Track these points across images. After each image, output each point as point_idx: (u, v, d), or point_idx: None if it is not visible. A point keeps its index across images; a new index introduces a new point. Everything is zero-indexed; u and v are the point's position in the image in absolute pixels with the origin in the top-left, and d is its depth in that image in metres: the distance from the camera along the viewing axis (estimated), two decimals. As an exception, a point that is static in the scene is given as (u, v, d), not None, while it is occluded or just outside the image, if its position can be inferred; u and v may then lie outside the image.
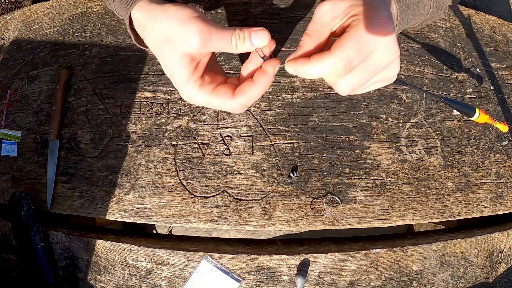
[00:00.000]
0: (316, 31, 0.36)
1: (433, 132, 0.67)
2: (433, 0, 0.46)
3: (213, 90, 0.37)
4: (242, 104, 0.38)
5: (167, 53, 0.36)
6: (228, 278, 0.60)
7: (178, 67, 0.36)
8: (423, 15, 0.47)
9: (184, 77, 0.36)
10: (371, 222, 0.62)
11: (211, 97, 0.37)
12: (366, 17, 0.33)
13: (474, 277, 0.66)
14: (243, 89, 0.37)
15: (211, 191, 0.62)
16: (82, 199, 0.64)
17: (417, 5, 0.44)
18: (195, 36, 0.34)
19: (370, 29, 0.33)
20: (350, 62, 0.33)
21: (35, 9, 0.75)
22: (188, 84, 0.37)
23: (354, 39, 0.33)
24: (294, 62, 0.36)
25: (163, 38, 0.36)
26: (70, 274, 0.63)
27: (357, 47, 0.33)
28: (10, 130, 0.69)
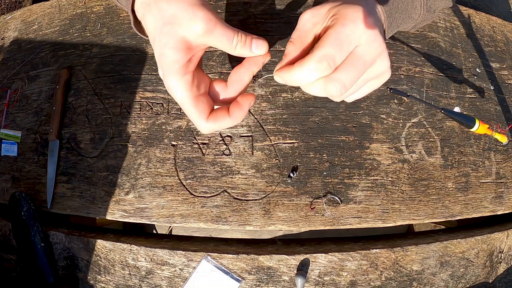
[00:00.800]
0: (299, 37, 0.37)
1: (433, 132, 0.67)
2: (423, 3, 0.46)
3: (195, 99, 0.36)
4: (212, 129, 0.38)
5: (166, 33, 0.34)
6: (228, 278, 0.60)
7: (171, 51, 0.34)
8: (414, 18, 0.47)
9: (174, 62, 0.35)
10: (371, 222, 0.62)
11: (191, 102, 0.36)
12: (343, 15, 0.34)
13: (474, 277, 0.66)
14: (218, 117, 0.37)
15: (211, 191, 0.62)
16: (82, 199, 0.64)
17: (406, 9, 0.44)
18: (201, 22, 0.34)
19: (347, 25, 0.33)
20: (332, 59, 0.33)
21: (35, 9, 0.75)
22: (178, 74, 0.35)
23: (332, 36, 0.33)
24: (280, 71, 0.35)
25: (167, 18, 0.34)
26: (70, 274, 0.63)
27: (336, 43, 0.33)
28: (10, 130, 0.69)
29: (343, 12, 0.34)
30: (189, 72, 0.36)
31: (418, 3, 0.46)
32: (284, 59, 0.37)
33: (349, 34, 0.33)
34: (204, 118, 0.37)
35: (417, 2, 0.45)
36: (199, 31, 0.34)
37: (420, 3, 0.46)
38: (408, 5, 0.44)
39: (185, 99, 0.36)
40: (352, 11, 0.34)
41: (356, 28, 0.33)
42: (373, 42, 0.34)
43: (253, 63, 0.38)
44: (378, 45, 0.34)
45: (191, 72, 0.36)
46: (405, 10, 0.44)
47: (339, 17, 0.34)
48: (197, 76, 0.37)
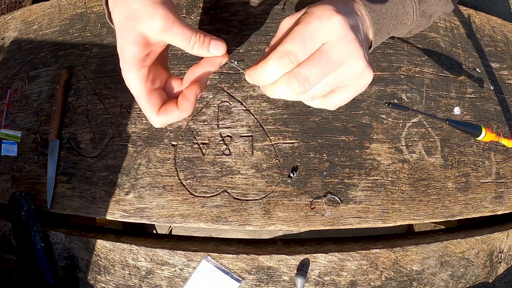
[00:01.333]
0: (275, 43, 0.36)
1: (433, 132, 0.67)
2: (415, 9, 0.45)
3: (148, 93, 0.38)
4: (163, 122, 0.38)
5: (127, 28, 0.36)
6: (228, 278, 0.60)
7: (130, 45, 0.36)
8: (407, 24, 0.46)
9: (132, 56, 0.36)
10: (371, 222, 0.62)
11: (143, 95, 0.37)
12: (310, 13, 0.34)
13: (474, 277, 0.66)
14: (167, 110, 0.38)
15: (211, 191, 0.62)
16: (82, 199, 0.64)
17: (397, 14, 0.43)
18: (159, 20, 0.35)
19: (311, 22, 0.33)
20: (294, 54, 0.32)
21: (35, 9, 0.75)
22: (135, 68, 0.36)
23: (296, 32, 0.33)
24: (248, 71, 0.35)
25: (130, 13, 0.36)
26: (70, 274, 0.63)
27: (298, 39, 0.32)
28: (10, 130, 0.69)
29: (311, 10, 0.34)
30: (145, 67, 0.37)
31: (410, 9, 0.44)
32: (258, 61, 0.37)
33: (314, 30, 0.32)
34: (155, 112, 0.38)
35: (409, 8, 0.44)
36: (157, 29, 0.35)
37: (413, 8, 0.44)
38: (398, 10, 0.43)
39: (139, 92, 0.37)
40: (320, 9, 0.33)
41: (322, 25, 0.33)
42: (342, 40, 0.33)
43: (210, 63, 0.39)
44: (348, 43, 0.33)
45: (147, 67, 0.37)
46: (396, 16, 0.43)
47: (306, 15, 0.34)
48: (154, 71, 0.38)
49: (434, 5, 0.48)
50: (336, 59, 0.33)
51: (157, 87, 0.39)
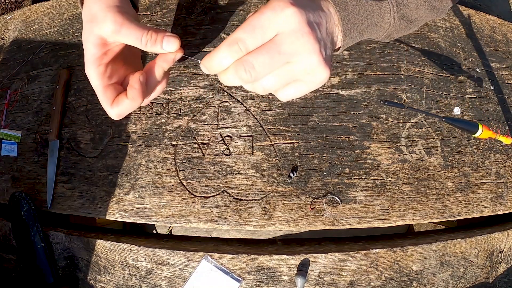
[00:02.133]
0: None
1: (433, 132, 0.67)
2: (392, 11, 0.43)
3: (104, 87, 0.41)
4: (117, 114, 0.41)
5: (87, 29, 0.40)
6: (228, 278, 0.60)
7: (90, 45, 0.40)
8: (384, 27, 0.44)
9: (92, 55, 0.40)
10: (371, 222, 0.62)
11: (100, 89, 0.41)
12: (266, 5, 0.33)
13: (474, 277, 0.66)
14: (119, 101, 0.41)
15: (211, 191, 0.62)
16: (82, 199, 0.64)
17: (371, 15, 0.42)
18: (109, 23, 0.38)
19: (264, 12, 0.33)
20: (243, 42, 0.33)
21: (35, 9, 0.75)
22: (93, 65, 0.40)
23: (247, 21, 0.33)
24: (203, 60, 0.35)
25: (89, 17, 0.39)
26: (70, 274, 0.63)
27: (248, 28, 0.33)
28: (10, 130, 0.69)
29: (269, 2, 0.33)
30: (102, 64, 0.41)
31: (387, 10, 0.43)
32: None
33: (265, 20, 0.32)
34: (109, 104, 0.41)
35: (385, 9, 0.43)
36: (108, 32, 0.39)
37: (390, 10, 0.43)
38: (373, 12, 0.42)
39: (97, 86, 0.41)
40: (276, 1, 0.33)
41: (274, 16, 0.32)
42: (295, 32, 0.32)
43: (164, 60, 0.41)
44: (301, 35, 0.32)
45: (104, 64, 0.41)
46: (370, 17, 0.42)
47: (262, 6, 0.34)
48: (112, 68, 0.42)
49: (416, 9, 0.46)
50: (286, 50, 0.33)
51: (114, 82, 0.42)
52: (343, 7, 0.39)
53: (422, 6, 0.47)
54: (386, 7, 0.43)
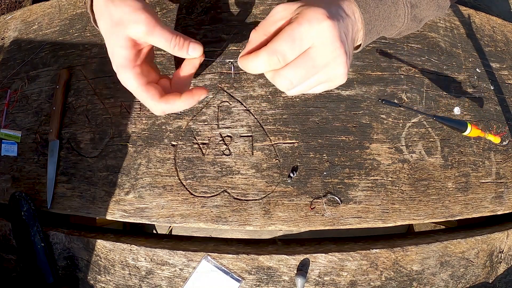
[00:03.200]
0: (263, 26, 0.39)
1: (433, 132, 0.67)
2: (407, 12, 0.46)
3: (147, 85, 0.41)
4: (163, 110, 0.42)
5: (115, 34, 0.40)
6: (228, 278, 0.60)
7: (120, 48, 0.40)
8: (397, 26, 0.47)
9: (124, 58, 0.40)
10: (371, 222, 0.62)
11: (142, 88, 0.41)
12: (302, 14, 0.35)
13: (474, 277, 0.66)
14: (170, 99, 0.42)
15: (211, 191, 0.62)
16: (82, 199, 0.64)
17: (388, 17, 0.44)
18: (142, 24, 0.39)
19: (302, 23, 0.34)
20: (283, 55, 0.35)
21: (35, 9, 0.75)
22: (129, 67, 0.40)
23: (286, 33, 0.35)
24: (241, 58, 0.38)
25: (115, 21, 0.39)
26: (70, 274, 0.63)
27: (288, 40, 0.34)
28: (10, 130, 0.69)
29: (304, 11, 0.35)
30: (137, 66, 0.41)
31: (402, 12, 0.45)
32: (247, 46, 0.39)
33: (303, 33, 0.34)
34: (156, 99, 0.41)
35: (401, 11, 0.45)
36: (141, 32, 0.39)
37: (404, 11, 0.45)
38: (391, 13, 0.44)
39: (137, 87, 0.41)
40: (312, 11, 0.35)
41: (310, 28, 0.34)
42: (328, 45, 0.35)
43: (191, 65, 0.44)
44: (333, 49, 0.35)
45: (139, 66, 0.41)
46: (387, 18, 0.44)
47: (298, 16, 0.35)
48: (145, 70, 0.43)
49: (426, 10, 0.49)
50: (320, 64, 0.36)
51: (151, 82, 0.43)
52: (366, 9, 0.41)
53: (431, 7, 0.49)
54: (401, 8, 0.45)
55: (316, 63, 0.35)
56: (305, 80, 0.36)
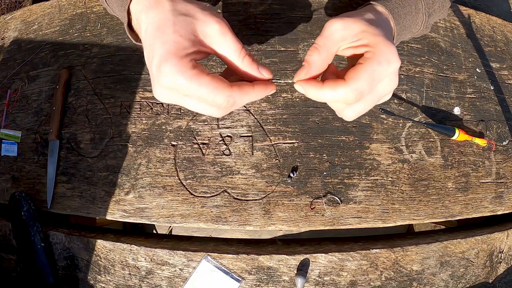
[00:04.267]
0: (325, 46, 0.37)
1: (433, 132, 0.67)
2: (424, 21, 0.49)
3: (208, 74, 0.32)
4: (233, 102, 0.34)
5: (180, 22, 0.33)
6: (228, 278, 0.60)
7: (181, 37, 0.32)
8: (413, 32, 0.50)
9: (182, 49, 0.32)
10: (371, 222, 0.62)
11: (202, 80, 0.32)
12: (380, 52, 0.35)
13: (474, 277, 0.66)
14: (243, 87, 0.34)
15: (211, 191, 0.62)
16: (82, 199, 0.64)
17: (410, 26, 0.47)
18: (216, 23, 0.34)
19: (382, 64, 0.35)
20: (362, 93, 0.35)
21: (35, 9, 0.75)
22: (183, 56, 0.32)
23: (368, 73, 0.34)
24: (306, 84, 0.36)
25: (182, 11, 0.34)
26: (70, 274, 0.63)
27: (369, 80, 0.35)
28: (10, 130, 0.69)
29: (380, 48, 0.35)
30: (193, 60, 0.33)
31: (420, 20, 0.48)
32: (306, 66, 0.37)
33: (381, 73, 0.35)
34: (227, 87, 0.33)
35: (419, 20, 0.48)
36: (214, 31, 0.34)
37: (422, 20, 0.48)
38: (412, 22, 0.47)
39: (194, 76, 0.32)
40: (389, 50, 0.35)
41: (388, 69, 0.35)
42: (393, 81, 0.37)
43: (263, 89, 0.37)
44: (395, 83, 0.37)
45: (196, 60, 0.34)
46: (409, 27, 0.47)
47: (375, 52, 0.35)
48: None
49: (437, 17, 0.53)
50: (384, 95, 0.38)
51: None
52: (399, 21, 0.44)
53: (442, 14, 0.53)
54: (420, 18, 0.48)
55: (381, 96, 0.38)
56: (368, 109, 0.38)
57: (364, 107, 0.37)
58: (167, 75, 0.32)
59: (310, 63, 0.37)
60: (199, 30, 0.34)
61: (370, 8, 0.43)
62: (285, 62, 0.65)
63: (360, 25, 0.36)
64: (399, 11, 0.44)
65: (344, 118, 0.39)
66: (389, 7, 0.43)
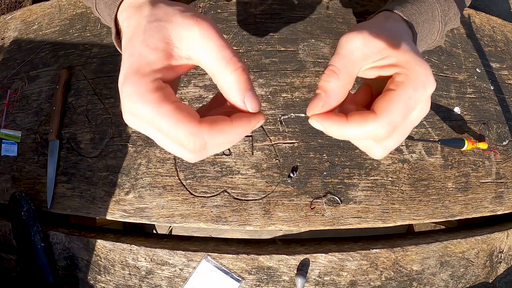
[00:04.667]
0: (345, 68, 0.29)
1: (433, 132, 0.67)
2: (440, 30, 0.43)
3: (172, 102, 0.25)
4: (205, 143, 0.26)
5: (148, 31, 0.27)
6: (228, 278, 0.60)
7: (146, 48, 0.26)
8: (428, 43, 0.45)
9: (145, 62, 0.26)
10: (371, 222, 0.62)
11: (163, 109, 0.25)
12: (415, 74, 0.28)
13: (474, 277, 0.66)
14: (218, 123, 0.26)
15: (211, 191, 0.62)
16: (82, 199, 0.64)
17: (426, 36, 0.42)
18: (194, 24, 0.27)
19: (418, 91, 0.28)
20: (396, 127, 0.28)
21: (35, 9, 0.75)
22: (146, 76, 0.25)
23: (404, 102, 0.28)
24: (325, 120, 0.29)
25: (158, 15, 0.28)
26: (70, 274, 0.63)
27: (405, 110, 0.28)
28: (10, 130, 0.69)
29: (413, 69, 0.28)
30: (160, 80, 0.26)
31: (436, 30, 0.43)
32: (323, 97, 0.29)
33: (417, 100, 0.28)
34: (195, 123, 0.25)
35: (435, 29, 0.43)
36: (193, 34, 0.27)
37: (438, 29, 0.44)
38: (429, 32, 0.43)
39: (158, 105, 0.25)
40: (424, 71, 0.28)
41: (424, 94, 0.28)
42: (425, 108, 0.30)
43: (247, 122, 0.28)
44: (427, 110, 0.30)
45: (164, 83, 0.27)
46: (425, 38, 0.42)
47: (409, 74, 0.28)
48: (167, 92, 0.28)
49: (451, 25, 0.48)
50: (415, 125, 0.31)
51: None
52: (417, 30, 0.38)
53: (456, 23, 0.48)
54: (436, 26, 0.43)
55: (414, 125, 0.30)
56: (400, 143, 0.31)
57: (396, 142, 0.30)
58: (126, 97, 0.26)
59: (327, 91, 0.29)
60: (174, 36, 0.27)
61: (387, 16, 0.36)
62: (285, 62, 0.65)
63: (385, 40, 0.30)
64: (417, 18, 0.38)
65: (373, 157, 0.32)
66: (407, 13, 0.37)
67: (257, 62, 0.65)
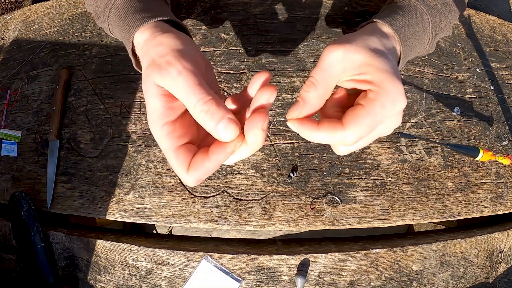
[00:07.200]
0: (323, 80, 0.32)
1: (433, 132, 0.67)
2: (430, 40, 0.45)
3: (176, 150, 0.32)
4: (196, 179, 0.31)
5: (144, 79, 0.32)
6: (228, 278, 0.60)
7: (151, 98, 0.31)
8: (418, 52, 0.46)
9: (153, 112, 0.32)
10: (371, 222, 0.62)
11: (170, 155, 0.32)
12: (385, 93, 0.31)
13: (474, 277, 0.66)
14: (196, 165, 0.31)
15: (211, 191, 0.62)
16: (82, 199, 0.64)
17: (416, 46, 0.43)
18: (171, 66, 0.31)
19: (386, 108, 0.31)
20: (361, 137, 0.31)
21: (35, 9, 0.75)
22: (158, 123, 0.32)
23: (371, 118, 0.31)
24: (300, 124, 0.32)
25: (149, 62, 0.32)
26: (70, 274, 0.63)
27: (372, 125, 0.31)
28: (10, 130, 0.69)
29: (385, 88, 0.31)
30: (168, 123, 0.32)
31: (426, 40, 0.44)
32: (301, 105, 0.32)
33: (384, 116, 0.31)
34: (185, 170, 0.31)
35: (425, 39, 0.44)
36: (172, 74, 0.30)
37: (428, 39, 0.44)
38: (418, 42, 0.43)
39: (166, 149, 0.32)
40: (395, 90, 0.31)
41: (392, 110, 0.31)
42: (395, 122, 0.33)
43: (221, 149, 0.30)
44: (397, 124, 0.33)
45: (171, 122, 0.32)
46: (415, 47, 0.43)
47: (380, 93, 0.31)
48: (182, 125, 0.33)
49: (443, 35, 0.48)
50: (381, 135, 0.34)
51: (186, 142, 0.33)
52: (405, 42, 0.39)
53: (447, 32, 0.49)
54: (426, 37, 0.44)
55: (380, 135, 0.34)
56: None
57: (360, 147, 0.34)
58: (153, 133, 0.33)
59: (306, 100, 0.32)
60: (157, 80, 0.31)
61: (375, 29, 0.38)
62: (285, 62, 0.65)
63: (364, 56, 0.32)
64: (406, 31, 0.39)
65: (336, 153, 0.36)
66: (396, 26, 0.38)
67: (257, 62, 0.65)
